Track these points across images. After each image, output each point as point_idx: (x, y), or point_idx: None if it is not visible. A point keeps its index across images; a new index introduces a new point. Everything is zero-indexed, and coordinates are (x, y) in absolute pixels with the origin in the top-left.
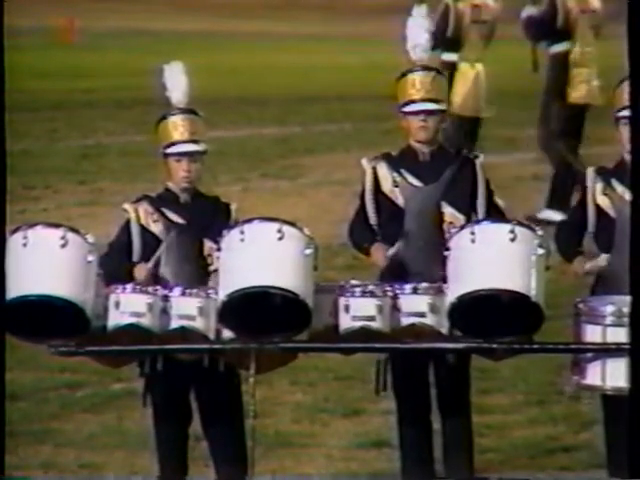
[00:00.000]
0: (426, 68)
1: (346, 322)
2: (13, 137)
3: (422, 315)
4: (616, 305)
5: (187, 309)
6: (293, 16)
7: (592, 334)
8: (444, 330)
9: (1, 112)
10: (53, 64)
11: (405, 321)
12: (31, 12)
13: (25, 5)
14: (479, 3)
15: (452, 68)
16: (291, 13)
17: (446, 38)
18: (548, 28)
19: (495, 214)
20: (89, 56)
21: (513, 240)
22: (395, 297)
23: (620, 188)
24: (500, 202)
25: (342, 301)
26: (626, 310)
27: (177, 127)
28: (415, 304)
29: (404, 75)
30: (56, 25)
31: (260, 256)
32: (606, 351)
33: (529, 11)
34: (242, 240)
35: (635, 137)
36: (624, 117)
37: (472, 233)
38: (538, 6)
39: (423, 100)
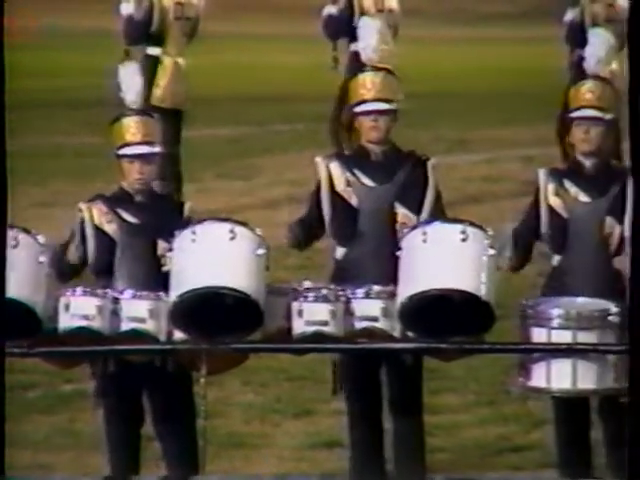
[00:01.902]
0: (376, 68)
1: (299, 327)
2: None
3: (375, 319)
4: (563, 308)
5: (137, 311)
6: (246, 16)
7: (538, 336)
8: (396, 333)
9: (1, 112)
10: (7, 64)
11: (358, 325)
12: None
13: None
14: (182, 1)
15: (155, 62)
16: (244, 13)
17: (150, 33)
18: (346, 26)
19: (438, 215)
20: (44, 55)
21: (464, 240)
22: (348, 301)
23: (573, 189)
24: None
25: (295, 306)
26: (573, 313)
27: (130, 128)
28: (368, 308)
29: (355, 75)
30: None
31: (212, 256)
32: (556, 351)
33: (329, 10)
34: (194, 240)
35: (635, 137)
36: (578, 118)
37: (424, 233)
38: (337, 5)
39: (374, 100)
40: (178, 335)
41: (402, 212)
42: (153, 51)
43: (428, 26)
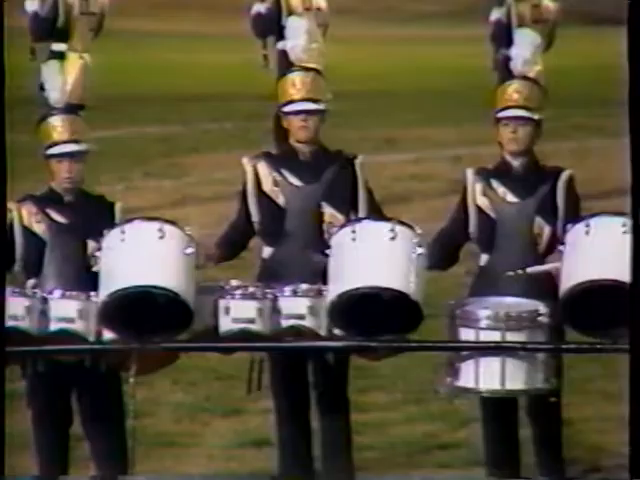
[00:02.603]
0: (305, 68)
1: (226, 324)
2: None
3: (301, 317)
4: (491, 309)
5: (66, 311)
6: (174, 14)
7: (466, 337)
8: (322, 332)
9: (1, 112)
10: None
11: (285, 323)
12: None
13: None
14: None
15: (61, 57)
16: (172, 11)
17: (56, 28)
18: (274, 24)
19: (375, 213)
20: None
21: (393, 239)
22: (275, 299)
23: (500, 189)
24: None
25: (222, 303)
26: (502, 313)
27: (56, 127)
28: (294, 306)
29: (284, 75)
30: None
31: (141, 256)
32: (484, 350)
33: (257, 8)
34: (122, 240)
35: (635, 137)
36: (504, 118)
37: (353, 231)
38: (265, 3)
39: (303, 100)
40: (107, 335)
41: (329, 211)
42: (59, 47)
43: (356, 25)
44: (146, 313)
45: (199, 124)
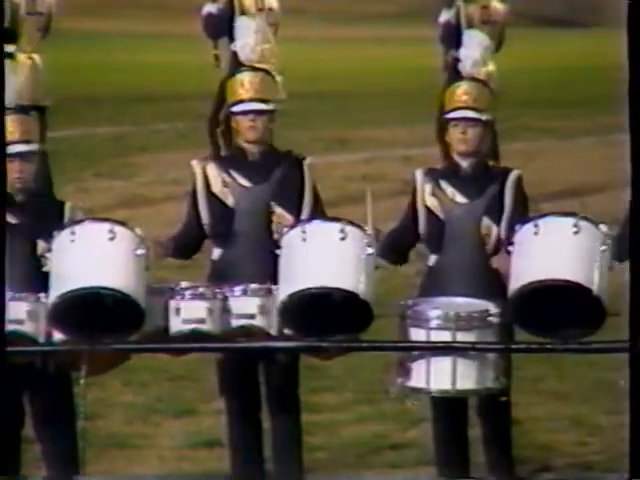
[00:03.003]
0: (254, 69)
1: (177, 325)
2: None
3: (252, 317)
4: (441, 309)
5: (16, 313)
6: (126, 14)
7: (417, 337)
8: (273, 331)
9: (1, 112)
10: None
11: (235, 323)
12: None
13: None
14: None
15: (10, 58)
16: (124, 11)
17: (3, 29)
18: (226, 25)
19: (320, 215)
20: None
21: (343, 239)
22: (225, 299)
23: (449, 189)
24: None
25: (173, 304)
26: (452, 313)
27: (8, 127)
28: (245, 306)
29: (233, 75)
30: None
31: (91, 257)
32: (435, 350)
33: (209, 8)
34: (73, 241)
35: (635, 138)
36: (454, 119)
37: (303, 232)
38: (217, 3)
39: (252, 100)
40: (58, 336)
41: (278, 212)
42: (7, 48)
43: (307, 25)
44: (96, 314)
45: (150, 124)
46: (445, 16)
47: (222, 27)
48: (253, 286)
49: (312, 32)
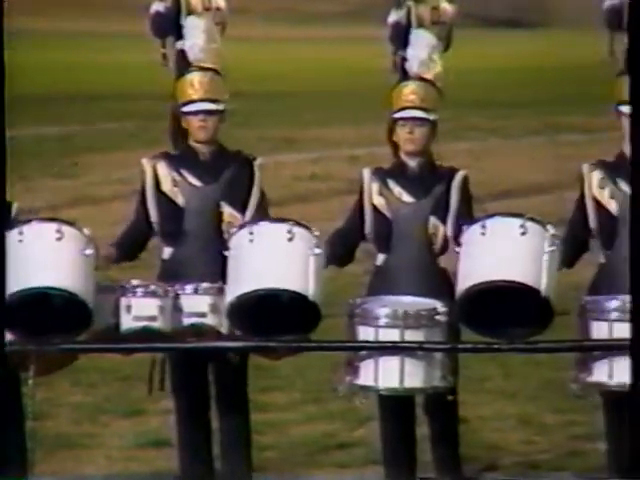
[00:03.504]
0: (203, 68)
1: (127, 322)
2: None
3: (203, 315)
4: (390, 307)
5: None
6: (75, 13)
7: (365, 335)
8: (224, 330)
9: (1, 111)
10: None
11: (186, 321)
12: None
13: None
14: None
15: None
16: (74, 10)
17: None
18: (173, 24)
19: (262, 215)
20: None
21: (291, 240)
22: (177, 297)
23: (396, 189)
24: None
25: (124, 301)
26: (400, 312)
27: None
28: (196, 304)
29: (182, 75)
30: None
31: (39, 257)
32: (383, 349)
33: (156, 7)
34: (20, 241)
35: (635, 137)
36: (401, 118)
37: (251, 233)
38: (164, 2)
39: (202, 100)
40: (6, 337)
41: (228, 211)
42: None
43: (254, 25)
44: (45, 314)
45: (99, 124)
46: (394, 16)
47: (169, 26)
48: (204, 284)
49: (259, 32)
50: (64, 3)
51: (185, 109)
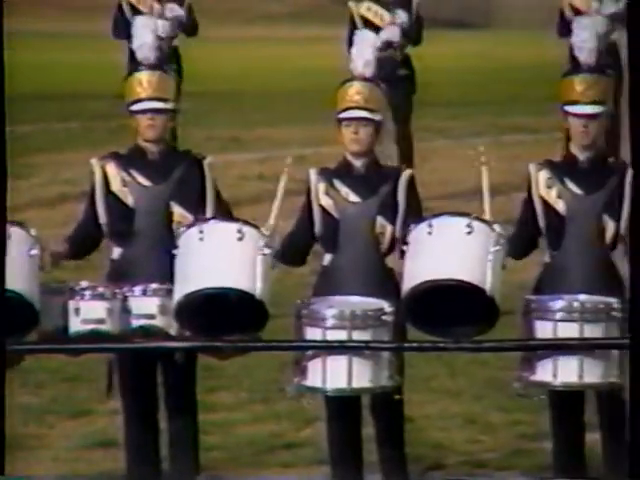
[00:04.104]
0: (152, 67)
1: (76, 325)
2: None
3: (151, 317)
4: (337, 307)
5: None
6: (24, 12)
7: (313, 336)
8: (173, 331)
9: (1, 111)
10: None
11: (135, 323)
12: None
13: None
14: None
15: None
16: (23, 9)
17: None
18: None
19: (223, 214)
20: None
21: (240, 239)
22: (125, 299)
23: (343, 189)
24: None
25: (72, 304)
26: (347, 312)
27: None
28: (145, 306)
29: (131, 74)
30: None
31: None
32: (329, 349)
33: (115, 10)
34: None
35: (635, 137)
36: (347, 118)
37: (200, 232)
38: (123, 3)
39: (150, 99)
40: None
41: (178, 211)
42: None
43: (204, 25)
44: None
45: (46, 124)
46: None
47: (127, 28)
48: (153, 286)
49: (207, 32)
50: (19, 2)
51: (133, 108)
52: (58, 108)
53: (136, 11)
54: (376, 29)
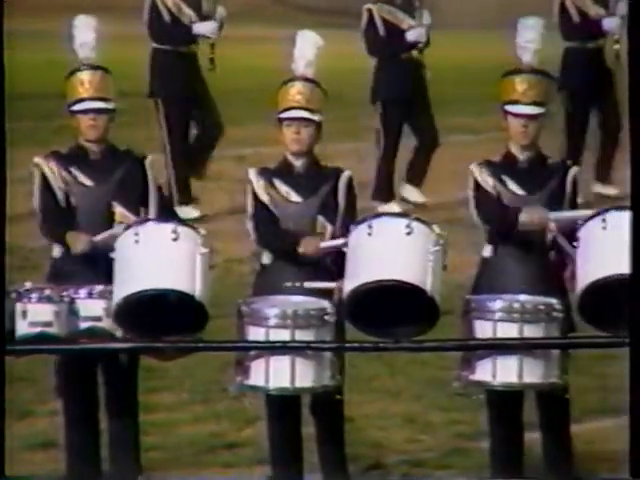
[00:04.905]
0: (93, 67)
1: (23, 328)
2: None
3: (98, 319)
4: (279, 307)
5: None
6: None
7: (255, 335)
8: (119, 333)
9: (1, 110)
10: None
11: (82, 325)
12: None
13: None
14: None
15: None
16: None
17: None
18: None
19: (166, 212)
20: None
21: (176, 240)
22: (72, 301)
23: (283, 188)
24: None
25: (19, 307)
26: (290, 311)
27: None
28: (91, 308)
29: (72, 74)
30: None
31: None
32: (272, 348)
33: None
34: None
35: (635, 137)
36: (286, 119)
37: (136, 233)
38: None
39: (92, 99)
40: None
41: (120, 211)
42: None
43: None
44: None
45: None
46: None
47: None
48: (98, 288)
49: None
50: None
51: (75, 108)
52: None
53: (172, 14)
54: (400, 32)
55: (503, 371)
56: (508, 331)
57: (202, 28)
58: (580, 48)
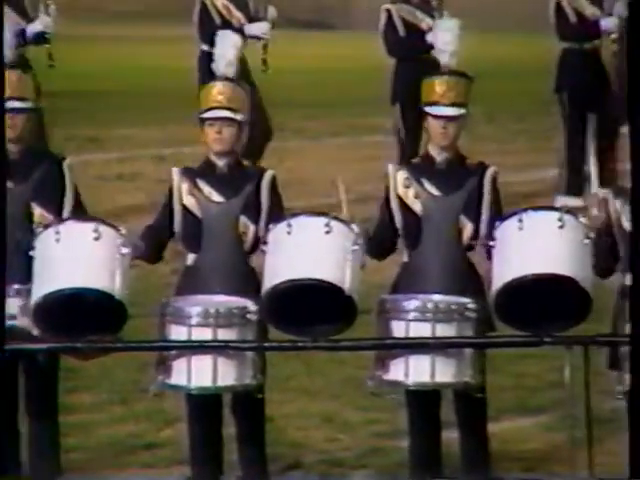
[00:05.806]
0: (12, 66)
1: None
2: None
3: (13, 317)
4: (202, 306)
5: None
6: None
7: (177, 334)
8: (35, 332)
9: (1, 110)
10: None
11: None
12: None
13: None
14: None
15: None
16: None
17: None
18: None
19: (81, 213)
20: None
21: (97, 239)
22: None
23: (206, 188)
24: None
25: None
26: (212, 310)
27: None
28: (8, 306)
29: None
30: None
31: None
32: (193, 348)
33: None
34: None
35: (635, 138)
36: (208, 118)
37: (57, 232)
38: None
39: (10, 98)
40: None
41: (38, 212)
42: None
43: (60, 23)
44: None
45: None
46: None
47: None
48: (15, 286)
49: (66, 31)
50: None
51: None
52: None
53: (222, 17)
54: (420, 32)
55: (416, 370)
56: (421, 330)
57: (254, 29)
58: (576, 49)
